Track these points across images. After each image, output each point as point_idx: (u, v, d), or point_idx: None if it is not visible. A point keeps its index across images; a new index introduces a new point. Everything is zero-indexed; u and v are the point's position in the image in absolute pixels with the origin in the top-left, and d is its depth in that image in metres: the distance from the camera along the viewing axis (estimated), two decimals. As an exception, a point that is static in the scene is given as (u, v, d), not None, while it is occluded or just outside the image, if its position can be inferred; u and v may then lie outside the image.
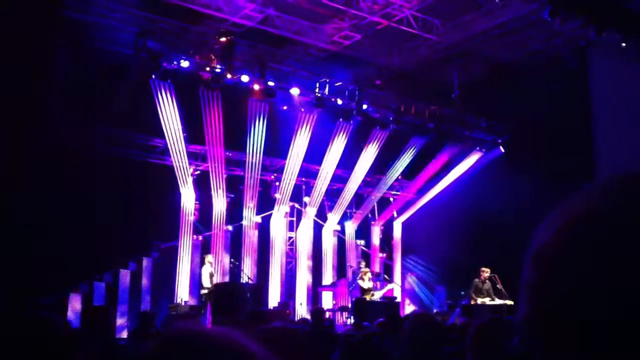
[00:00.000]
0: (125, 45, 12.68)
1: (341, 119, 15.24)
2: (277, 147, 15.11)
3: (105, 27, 12.29)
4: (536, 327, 0.71)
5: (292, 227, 16.24)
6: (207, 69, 13.17)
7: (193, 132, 13.76)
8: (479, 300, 12.63)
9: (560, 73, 13.93)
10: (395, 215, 17.88)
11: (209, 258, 13.38)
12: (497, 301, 12.55)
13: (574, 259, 0.68)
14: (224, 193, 14.35)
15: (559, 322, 0.68)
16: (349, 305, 14.07)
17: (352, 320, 12.76)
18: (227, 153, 14.39)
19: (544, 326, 0.70)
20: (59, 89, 10.70)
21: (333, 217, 16.63)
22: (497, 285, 12.65)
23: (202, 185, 14.30)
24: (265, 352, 0.84)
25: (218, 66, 13.18)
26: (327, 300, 15.18)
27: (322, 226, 16.55)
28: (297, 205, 16.25)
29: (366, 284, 13.82)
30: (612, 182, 0.73)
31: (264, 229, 15.35)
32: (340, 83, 15.01)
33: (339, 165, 15.73)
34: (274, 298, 14.85)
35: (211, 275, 13.05)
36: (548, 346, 0.70)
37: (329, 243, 16.56)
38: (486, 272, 12.79)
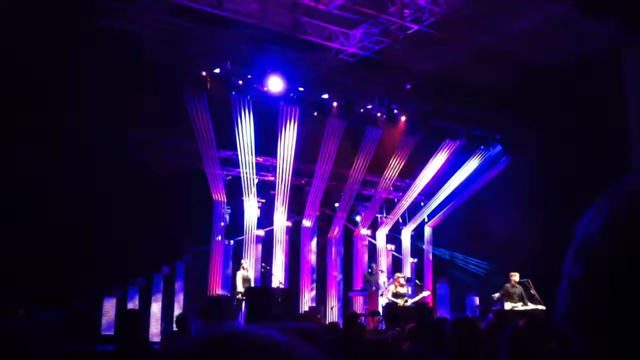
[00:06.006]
0: (157, 52, 12.86)
1: (372, 125, 15.22)
2: (307, 152, 15.16)
3: (136, 34, 12.48)
4: (578, 324, 0.67)
5: (322, 231, 16.26)
6: (237, 75, 13.30)
7: (224, 137, 13.89)
8: (510, 305, 12.45)
9: (594, 75, 13.68)
10: (426, 219, 17.78)
11: (244, 263, 13.45)
12: (530, 306, 12.36)
13: (622, 255, 0.64)
14: (256, 198, 14.46)
15: (603, 319, 0.64)
16: (380, 310, 14.02)
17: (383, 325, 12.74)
18: (258, 158, 14.50)
19: (586, 323, 0.66)
20: (90, 95, 10.93)
21: (364, 222, 16.60)
22: (531, 290, 12.43)
23: (233, 190, 14.42)
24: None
25: (249, 72, 13.31)
26: (358, 305, 15.15)
27: (352, 231, 16.53)
28: (327, 210, 16.28)
29: (399, 289, 13.77)
30: None
31: (295, 234, 15.41)
32: (370, 88, 15.00)
33: (369, 171, 15.70)
34: (305, 302, 14.88)
35: (246, 280, 13.11)
36: (589, 344, 0.66)
37: (359, 248, 16.54)
38: (515, 277, 12.58)
